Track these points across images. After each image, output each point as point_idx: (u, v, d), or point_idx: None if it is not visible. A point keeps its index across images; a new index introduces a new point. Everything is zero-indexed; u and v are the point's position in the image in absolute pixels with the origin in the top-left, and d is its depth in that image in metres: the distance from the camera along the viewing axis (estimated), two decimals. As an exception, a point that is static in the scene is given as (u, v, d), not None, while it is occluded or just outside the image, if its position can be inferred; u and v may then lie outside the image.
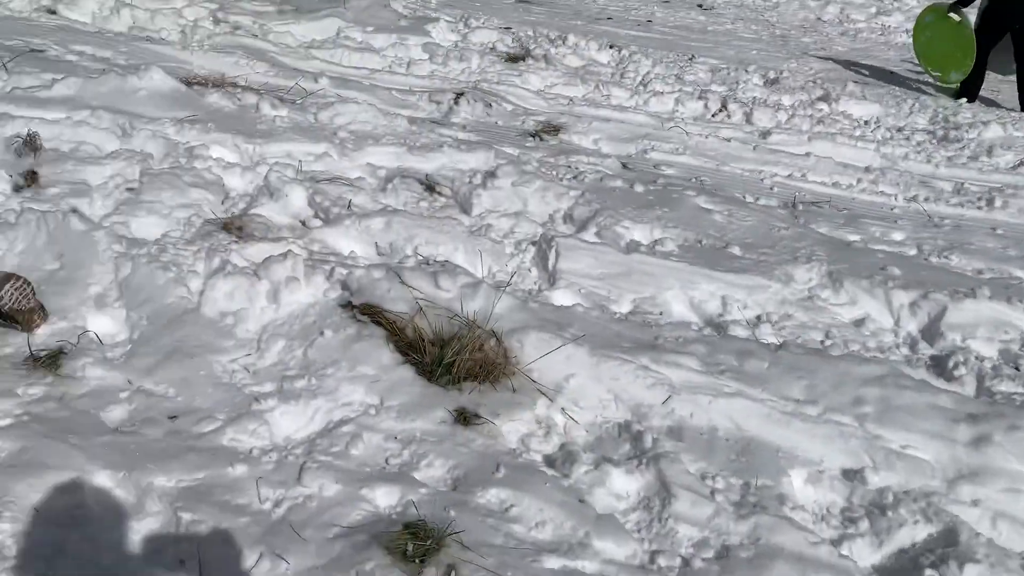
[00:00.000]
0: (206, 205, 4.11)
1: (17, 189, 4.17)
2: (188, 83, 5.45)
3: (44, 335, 2.99)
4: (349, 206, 4.21)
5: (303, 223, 4.20)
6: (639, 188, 4.78)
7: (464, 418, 2.71)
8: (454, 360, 2.86)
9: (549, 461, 2.65)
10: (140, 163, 4.37)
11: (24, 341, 2.99)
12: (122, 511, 2.26)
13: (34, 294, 3.01)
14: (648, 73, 7.86)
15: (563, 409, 2.81)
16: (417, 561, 2.12)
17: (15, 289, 2.93)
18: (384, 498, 2.38)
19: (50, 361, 2.90)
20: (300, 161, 4.69)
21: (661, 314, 3.56)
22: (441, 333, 2.99)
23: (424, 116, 5.95)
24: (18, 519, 2.20)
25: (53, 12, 8.05)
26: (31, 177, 4.23)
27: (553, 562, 2.21)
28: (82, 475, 2.34)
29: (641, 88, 7.38)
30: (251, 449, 2.57)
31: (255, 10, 8.08)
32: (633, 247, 3.99)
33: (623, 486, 2.54)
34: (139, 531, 2.22)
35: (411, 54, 7.54)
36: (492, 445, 2.62)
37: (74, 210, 3.74)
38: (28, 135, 4.43)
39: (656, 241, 4.15)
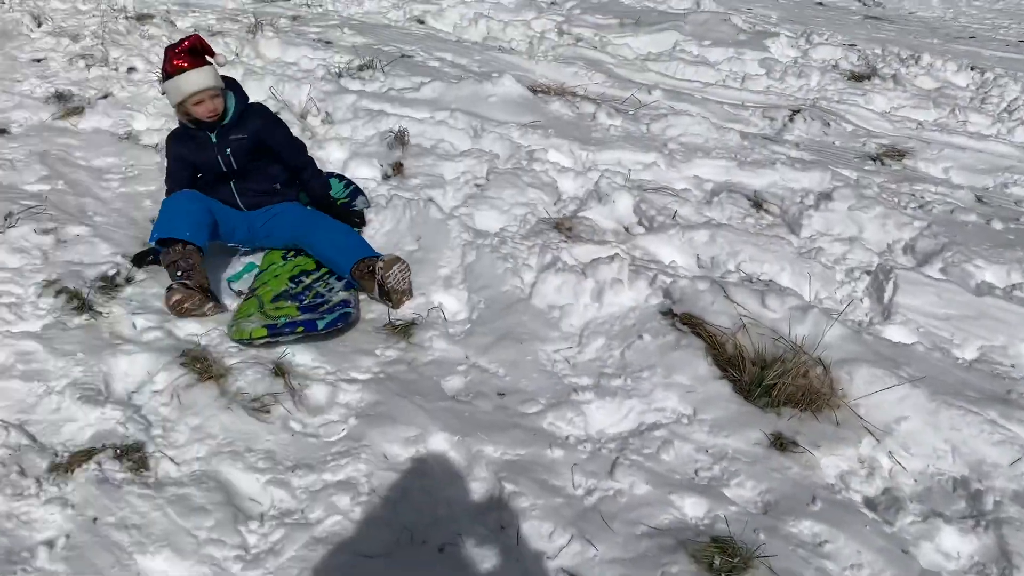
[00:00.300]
0: (541, 205, 4.39)
1: (386, 177, 4.77)
2: (533, 91, 5.84)
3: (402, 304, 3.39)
4: (674, 216, 4.26)
5: (627, 229, 4.32)
6: (997, 225, 4.29)
7: (780, 443, 2.63)
8: (775, 383, 2.79)
9: (870, 504, 2.48)
10: (488, 162, 4.77)
11: (385, 310, 3.42)
12: (455, 471, 2.50)
13: (410, 278, 3.45)
14: (1016, 99, 7.01)
15: (891, 452, 2.62)
16: (723, 575, 2.10)
17: (400, 271, 3.39)
18: (692, 508, 2.39)
19: (404, 330, 3.28)
20: (629, 169, 4.83)
21: (1013, 367, 3.17)
22: (763, 353, 2.93)
23: (756, 132, 5.84)
24: (371, 462, 2.53)
25: (422, 22, 9.05)
26: (397, 168, 4.81)
27: (868, 609, 2.08)
28: (424, 432, 2.63)
29: (1006, 115, 6.61)
30: (568, 436, 2.72)
31: (597, 23, 8.44)
32: (985, 289, 3.59)
33: (954, 545, 2.31)
34: (468, 491, 2.44)
35: (747, 68, 7.42)
36: (808, 476, 2.51)
37: (431, 200, 4.19)
38: (399, 131, 5.04)
39: (1014, 285, 3.70)
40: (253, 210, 3.76)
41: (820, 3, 12.83)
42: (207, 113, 3.51)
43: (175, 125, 3.82)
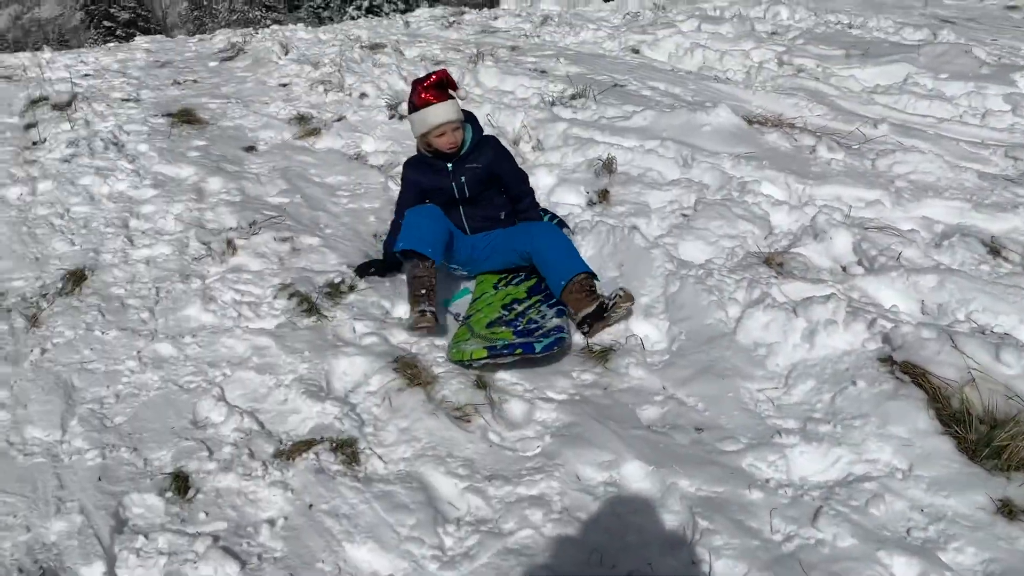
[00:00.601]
0: (750, 238, 4.27)
1: (591, 204, 4.83)
2: (749, 121, 5.71)
3: (607, 332, 3.42)
4: (898, 258, 3.99)
5: (844, 268, 4.10)
6: None
7: (1009, 511, 2.38)
8: (1007, 444, 2.53)
9: (1119, 592, 2.19)
10: (696, 192, 4.71)
11: (582, 337, 3.46)
12: (648, 500, 2.47)
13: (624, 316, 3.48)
14: None
15: None
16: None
17: (624, 311, 3.43)
18: (903, 568, 2.22)
19: (601, 355, 3.31)
20: (850, 206, 4.59)
21: None
22: (994, 411, 2.67)
23: (997, 172, 5.35)
24: (564, 480, 2.57)
25: (636, 51, 9.12)
26: (603, 195, 4.86)
27: None
28: (618, 458, 2.63)
29: None
30: (768, 479, 2.61)
31: (821, 54, 8.12)
32: None
33: None
34: (660, 522, 2.40)
35: (988, 104, 6.83)
36: (1043, 551, 2.26)
37: (635, 227, 4.20)
38: (607, 159, 5.10)
39: None
40: (476, 234, 3.90)
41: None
42: (448, 145, 3.67)
43: (399, 148, 4.14)
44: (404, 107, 6.15)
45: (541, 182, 5.16)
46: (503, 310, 3.61)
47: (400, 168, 4.22)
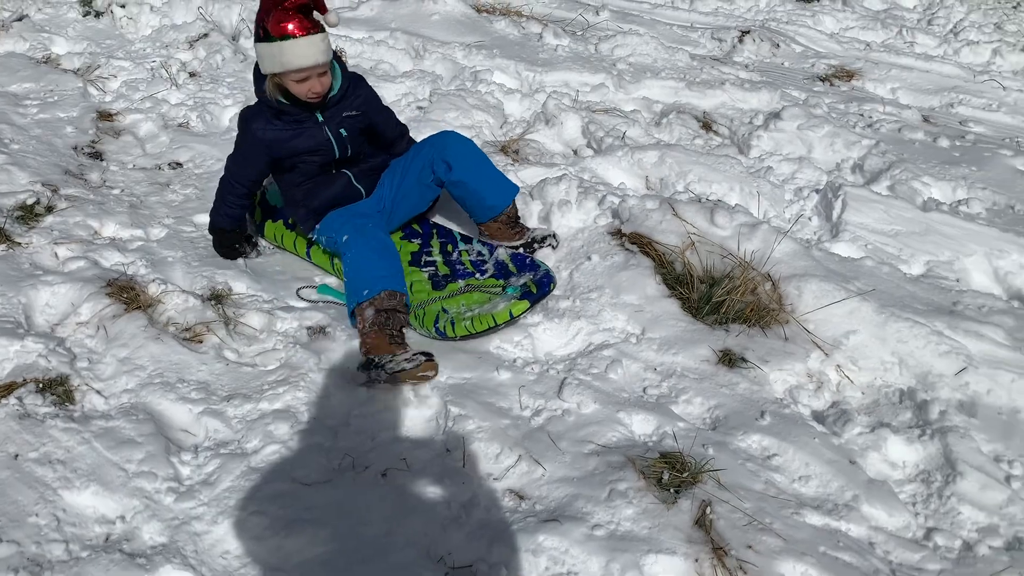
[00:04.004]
0: (486, 127, 4.25)
1: (323, 101, 4.56)
2: (478, 10, 5.63)
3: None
4: (623, 138, 4.16)
5: (575, 151, 4.22)
6: (943, 143, 4.29)
7: (729, 360, 2.59)
8: (724, 299, 2.74)
9: (818, 417, 2.47)
10: (430, 83, 4.59)
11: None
12: (398, 397, 2.41)
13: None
14: (962, 20, 6.99)
15: (839, 366, 2.61)
16: (672, 491, 2.07)
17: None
18: (641, 425, 2.35)
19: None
20: (577, 91, 4.70)
21: (959, 280, 3.18)
22: (712, 271, 2.88)
23: (705, 53, 5.72)
24: (311, 390, 2.44)
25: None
26: (336, 90, 4.60)
27: (815, 518, 2.07)
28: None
29: (952, 36, 6.59)
30: (515, 359, 2.65)
31: (543, -57, 8.15)
32: (932, 205, 3.59)
33: (901, 455, 2.32)
34: (413, 417, 2.36)
35: (696, -9, 7.26)
36: (757, 391, 2.49)
37: (371, 122, 4.02)
38: (336, 51, 4.81)
39: (960, 201, 3.71)
40: (372, 191, 3.10)
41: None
42: (310, 93, 2.73)
43: (98, 49, 3.42)
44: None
45: (266, 81, 4.80)
46: (452, 266, 3.02)
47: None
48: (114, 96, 4.60)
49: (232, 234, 3.14)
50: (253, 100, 2.90)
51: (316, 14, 2.67)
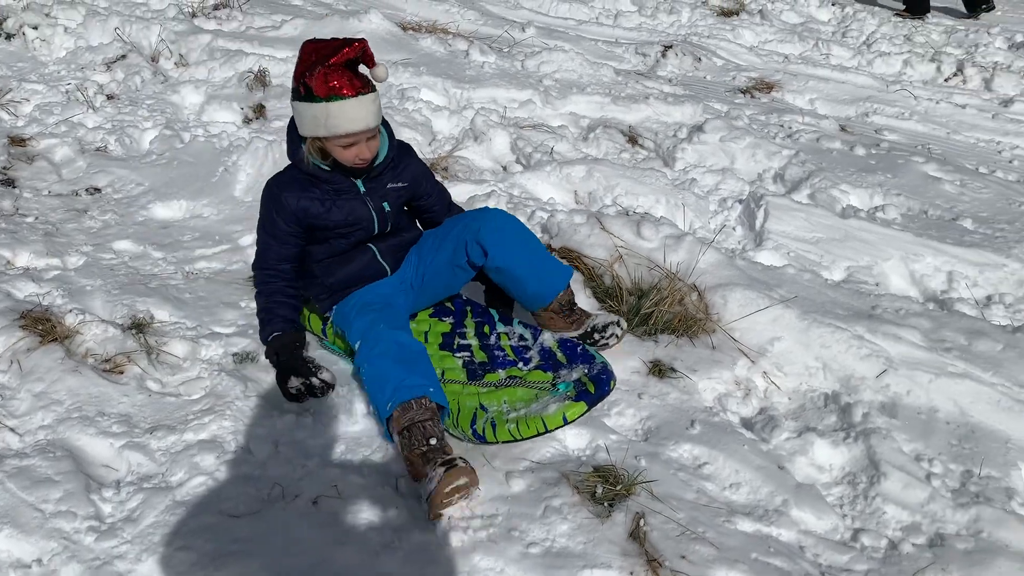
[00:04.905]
0: (414, 145, 4.20)
1: (247, 121, 4.50)
2: (403, 28, 5.62)
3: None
4: (551, 153, 4.20)
5: (504, 167, 4.23)
6: (859, 151, 4.43)
7: (659, 370, 2.63)
8: (652, 311, 2.78)
9: (747, 424, 2.52)
10: (356, 102, 4.55)
11: (245, 262, 3.22)
12: (329, 421, 2.37)
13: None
14: (874, 32, 7.26)
15: (765, 373, 2.66)
16: (606, 504, 2.08)
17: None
18: (574, 440, 2.35)
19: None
20: (505, 107, 4.72)
21: (878, 285, 3.29)
22: (640, 283, 2.92)
23: (630, 68, 5.82)
24: (238, 419, 2.38)
25: (284, -39, 8.53)
26: (259, 110, 4.54)
27: (747, 525, 2.10)
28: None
29: (865, 48, 6.84)
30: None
31: (468, -39, 8.19)
32: (850, 212, 3.70)
33: (827, 458, 2.38)
34: (344, 439, 2.32)
35: (619, 6, 7.38)
36: (687, 400, 2.52)
37: (296, 142, 3.97)
38: (259, 71, 4.75)
39: (877, 208, 3.83)
40: (397, 268, 2.69)
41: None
42: (356, 159, 2.40)
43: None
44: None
45: (188, 100, 4.71)
46: (494, 351, 2.58)
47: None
48: (27, 120, 4.45)
49: (292, 348, 2.52)
50: (177, 123, 2.83)
51: (362, 67, 2.35)
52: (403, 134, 4.23)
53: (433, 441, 2.14)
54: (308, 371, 2.48)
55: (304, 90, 2.28)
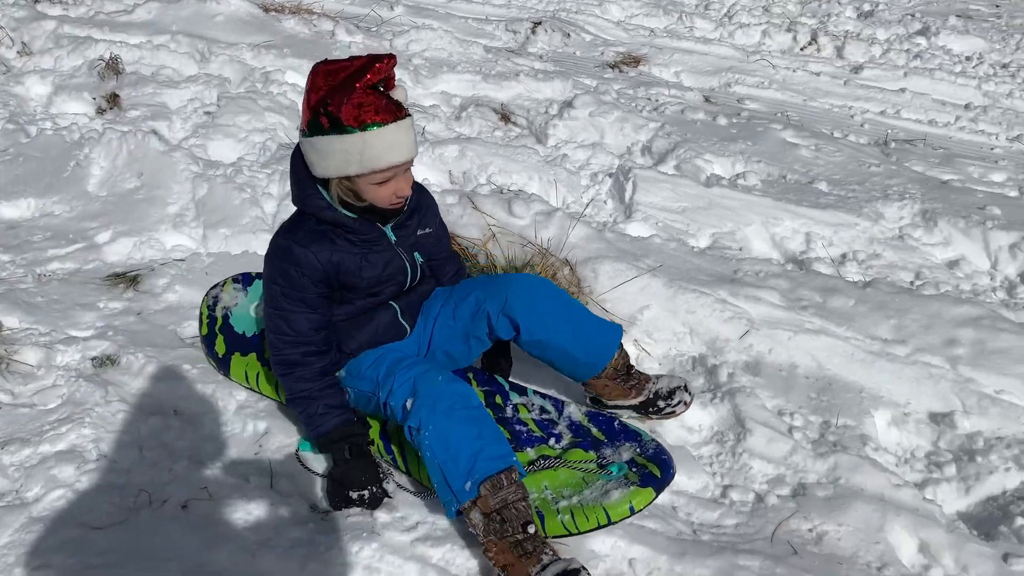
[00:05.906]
0: (281, 130, 4.12)
1: (100, 111, 4.26)
2: (265, 9, 5.43)
3: (124, 251, 3.05)
4: (423, 133, 4.16)
5: (377, 150, 4.17)
6: (722, 121, 4.59)
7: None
8: (526, 287, 2.80)
9: (620, 392, 2.58)
10: (218, 87, 4.39)
11: (103, 260, 3.06)
12: (201, 420, 2.30)
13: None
14: (734, 4, 7.52)
15: (636, 340, 2.74)
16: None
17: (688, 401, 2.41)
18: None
19: (130, 278, 2.96)
20: (374, 88, 4.64)
21: (741, 249, 3.43)
22: (514, 261, 2.94)
23: (500, 45, 5.82)
24: (99, 426, 2.27)
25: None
26: (113, 99, 4.31)
27: (622, 491, 2.16)
28: (167, 387, 2.40)
29: (727, 20, 7.07)
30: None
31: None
32: (714, 181, 3.84)
33: (696, 419, 2.47)
34: (216, 439, 2.26)
35: (488, -17, 7.36)
36: (562, 373, 2.56)
37: (153, 131, 3.79)
38: (111, 58, 4.50)
39: (738, 175, 3.99)
40: (413, 328, 2.29)
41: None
42: (394, 198, 2.00)
43: None
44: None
45: (34, 91, 4.43)
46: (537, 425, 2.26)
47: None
48: None
49: (364, 445, 2.13)
50: (22, 116, 2.65)
51: (382, 88, 1.93)
52: (267, 119, 4.11)
53: (532, 528, 1.83)
54: (378, 477, 2.10)
55: (328, 121, 1.85)
